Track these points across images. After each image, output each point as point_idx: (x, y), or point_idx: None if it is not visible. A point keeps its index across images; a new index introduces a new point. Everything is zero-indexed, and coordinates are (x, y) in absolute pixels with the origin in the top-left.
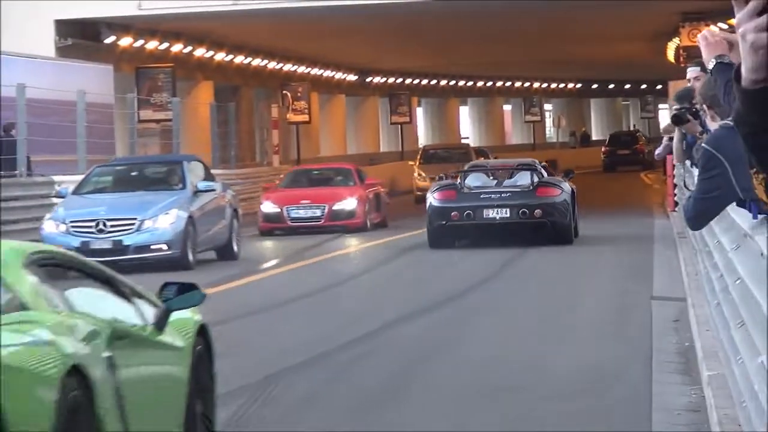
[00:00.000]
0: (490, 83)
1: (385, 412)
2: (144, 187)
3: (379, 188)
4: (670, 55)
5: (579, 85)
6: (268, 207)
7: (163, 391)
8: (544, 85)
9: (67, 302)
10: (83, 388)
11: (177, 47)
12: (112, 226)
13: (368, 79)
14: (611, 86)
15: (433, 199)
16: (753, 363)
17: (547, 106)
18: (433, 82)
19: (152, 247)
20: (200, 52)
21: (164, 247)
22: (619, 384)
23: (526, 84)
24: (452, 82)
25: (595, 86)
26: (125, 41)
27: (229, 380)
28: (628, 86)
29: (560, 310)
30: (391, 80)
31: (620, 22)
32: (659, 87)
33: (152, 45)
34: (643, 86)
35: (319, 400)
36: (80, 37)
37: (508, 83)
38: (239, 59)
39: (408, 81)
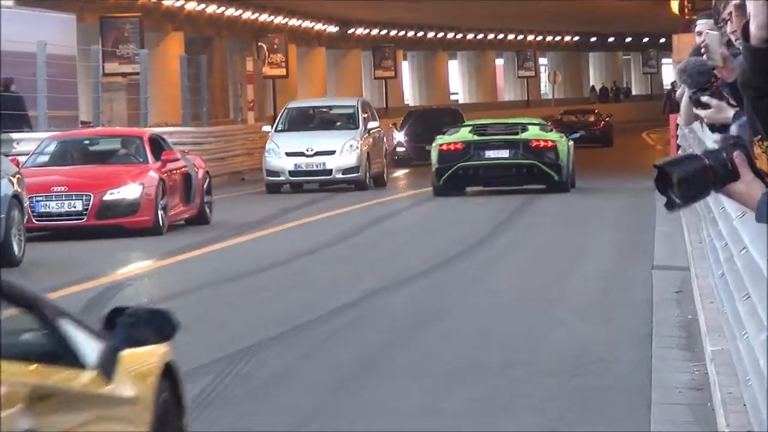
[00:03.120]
0: (481, 36)
1: None
2: None
3: (185, 167)
4: (674, 6)
5: (576, 38)
6: None
7: None
8: (539, 38)
9: None
10: None
11: None
12: None
13: (350, 31)
14: (611, 39)
15: (559, 122)
16: (758, 338)
17: (542, 61)
18: (420, 34)
19: None
20: (169, 0)
21: None
22: (617, 360)
23: (520, 37)
24: (440, 35)
25: (593, 39)
26: None
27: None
28: (629, 40)
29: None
30: (374, 32)
31: None
32: (662, 41)
33: None
34: (645, 40)
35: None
36: None
37: (501, 36)
38: (211, 8)
39: (393, 33)
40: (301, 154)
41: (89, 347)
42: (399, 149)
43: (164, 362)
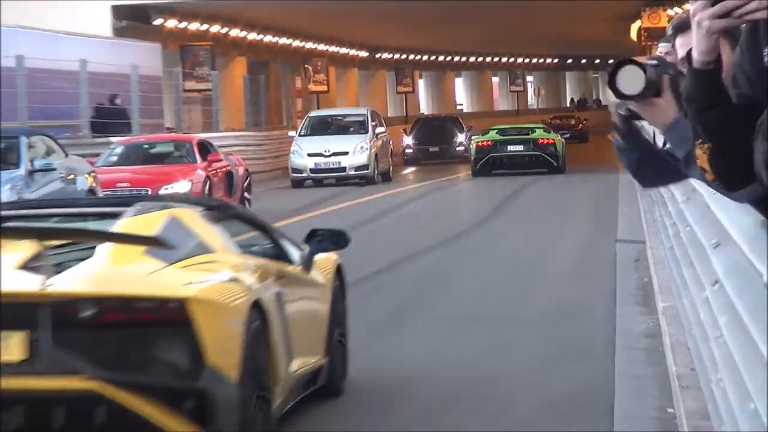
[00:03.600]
0: (480, 59)
1: None
2: None
3: (227, 166)
4: (633, 34)
5: (556, 60)
6: None
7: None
8: (527, 60)
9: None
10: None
11: (215, 28)
12: None
13: (377, 55)
14: (583, 61)
15: (550, 125)
16: (699, 296)
17: (529, 78)
18: (433, 57)
19: None
20: (235, 32)
21: None
22: (588, 314)
23: (511, 59)
24: (448, 58)
25: (569, 61)
26: (171, 23)
27: None
28: (597, 61)
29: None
30: (397, 56)
31: (591, 7)
32: None
33: (194, 26)
34: (611, 61)
35: None
36: (133, 20)
37: (496, 59)
38: (268, 38)
39: (411, 57)
40: (320, 154)
41: (295, 253)
42: (407, 150)
43: (337, 264)
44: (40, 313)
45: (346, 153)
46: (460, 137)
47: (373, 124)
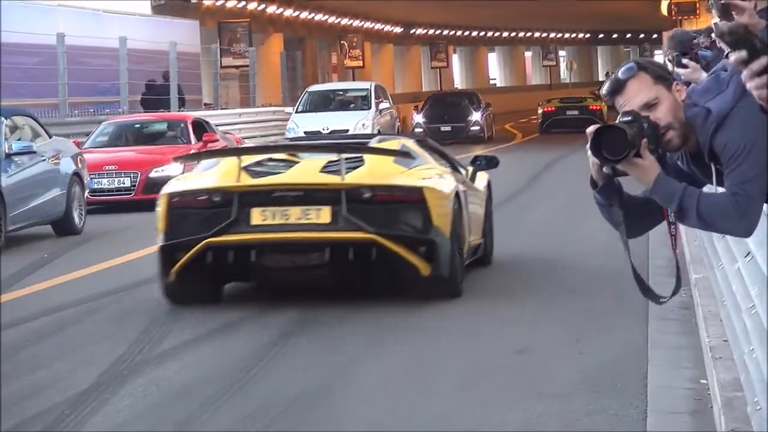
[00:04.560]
0: (513, 34)
1: None
2: None
3: (225, 145)
4: (664, 9)
5: (588, 35)
6: None
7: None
8: (559, 35)
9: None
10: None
11: (252, 5)
12: None
13: (412, 31)
14: (615, 36)
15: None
16: (731, 268)
17: (561, 53)
18: (466, 33)
19: None
20: (272, 9)
21: None
22: (620, 285)
23: (544, 34)
24: (482, 33)
25: (601, 36)
26: (209, 0)
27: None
28: (628, 36)
29: None
30: (431, 32)
31: None
32: (654, 36)
33: (231, 3)
34: (641, 36)
35: None
36: None
37: (529, 34)
38: (304, 15)
39: (445, 32)
40: (318, 132)
41: (463, 171)
42: (417, 130)
43: (488, 179)
44: (339, 195)
45: (347, 131)
46: (476, 115)
47: (377, 99)
